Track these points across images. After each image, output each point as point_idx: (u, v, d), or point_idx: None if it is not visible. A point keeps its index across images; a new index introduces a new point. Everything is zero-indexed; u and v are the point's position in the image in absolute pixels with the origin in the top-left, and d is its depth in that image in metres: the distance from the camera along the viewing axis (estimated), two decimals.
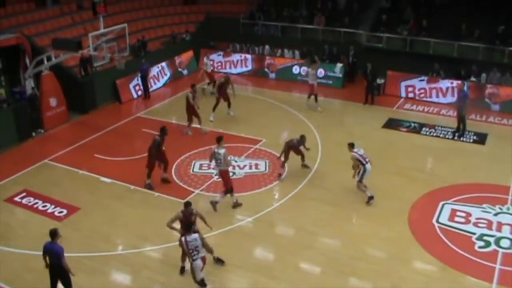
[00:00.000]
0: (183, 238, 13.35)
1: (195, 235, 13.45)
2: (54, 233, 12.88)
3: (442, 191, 18.50)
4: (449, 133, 23.22)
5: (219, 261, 15.02)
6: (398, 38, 29.01)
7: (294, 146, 19.56)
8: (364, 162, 17.51)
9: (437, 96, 26.72)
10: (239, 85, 28.72)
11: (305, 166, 20.14)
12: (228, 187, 17.73)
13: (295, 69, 30.15)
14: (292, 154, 19.57)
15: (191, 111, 23.17)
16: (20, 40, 25.25)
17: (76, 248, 15.59)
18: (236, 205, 17.84)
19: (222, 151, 17.37)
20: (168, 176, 19.65)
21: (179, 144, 22.39)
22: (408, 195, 18.18)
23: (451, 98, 26.17)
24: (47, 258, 12.99)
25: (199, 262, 13.20)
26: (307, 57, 29.46)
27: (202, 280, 13.40)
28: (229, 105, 24.96)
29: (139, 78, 28.22)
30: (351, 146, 17.88)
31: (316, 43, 30.68)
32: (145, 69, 27.92)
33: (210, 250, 14.25)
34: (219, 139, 17.58)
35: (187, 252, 13.31)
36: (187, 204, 14.51)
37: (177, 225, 14.44)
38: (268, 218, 17.22)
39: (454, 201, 17.82)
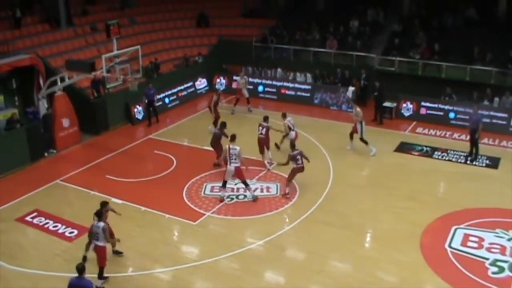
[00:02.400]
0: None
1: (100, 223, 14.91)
2: (82, 269, 12.41)
3: (455, 216, 18.32)
4: (462, 157, 23.07)
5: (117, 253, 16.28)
6: (410, 62, 29.00)
7: (218, 136, 21.35)
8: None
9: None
10: (252, 107, 28.82)
11: (217, 164, 21.71)
12: (245, 179, 19.50)
13: (307, 93, 30.22)
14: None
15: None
16: (34, 61, 25.50)
17: (86, 268, 15.51)
18: (255, 198, 19.50)
19: (237, 147, 19.10)
20: (220, 162, 21.48)
21: (191, 166, 22.41)
22: (420, 219, 18.01)
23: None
24: None
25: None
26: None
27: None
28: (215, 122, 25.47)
29: (145, 103, 28.01)
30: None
31: (328, 66, 30.73)
32: (151, 94, 27.83)
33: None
34: (233, 137, 19.64)
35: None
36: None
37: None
38: (279, 242, 17.11)
39: (467, 225, 17.64)
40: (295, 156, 19.63)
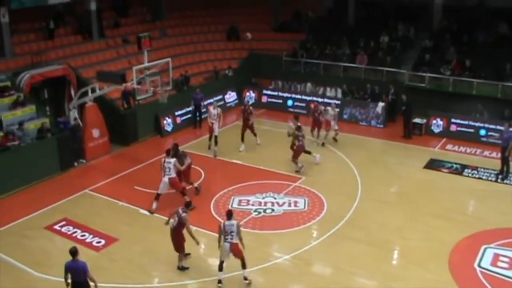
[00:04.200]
0: None
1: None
2: (74, 251, 13.29)
3: (484, 235, 18.05)
4: (492, 175, 22.76)
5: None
6: (441, 78, 28.77)
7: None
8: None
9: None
10: (281, 122, 28.80)
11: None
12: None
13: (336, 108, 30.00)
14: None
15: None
16: (66, 71, 25.88)
17: (112, 278, 15.68)
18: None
19: (172, 160, 19.74)
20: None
21: (219, 179, 22.47)
22: (449, 238, 17.79)
23: None
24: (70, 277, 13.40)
25: None
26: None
27: None
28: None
29: (192, 108, 28.90)
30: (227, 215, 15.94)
31: (358, 81, 30.64)
32: (199, 99, 28.30)
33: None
34: (168, 152, 20.18)
35: None
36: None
37: None
38: (306, 256, 17.02)
39: (497, 245, 17.36)
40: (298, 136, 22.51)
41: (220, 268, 15.42)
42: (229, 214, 15.52)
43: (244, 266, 15.47)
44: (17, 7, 26.02)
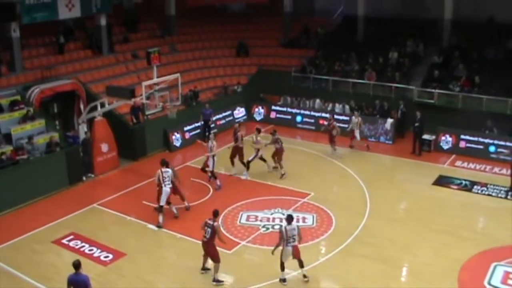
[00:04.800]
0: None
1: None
2: (78, 265, 13.25)
3: (494, 252, 17.90)
4: (502, 191, 22.63)
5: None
6: (450, 94, 28.72)
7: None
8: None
9: None
10: (290, 137, 28.77)
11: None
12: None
13: (345, 124, 29.99)
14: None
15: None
16: (75, 86, 26.02)
17: None
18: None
19: (169, 170, 20.05)
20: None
21: (227, 194, 22.44)
22: (459, 255, 17.65)
23: None
24: None
25: None
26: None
27: None
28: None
29: (201, 123, 28.98)
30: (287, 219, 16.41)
31: (367, 97, 30.62)
32: (208, 114, 28.40)
33: None
34: (163, 163, 20.16)
35: None
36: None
37: None
38: (314, 273, 16.88)
39: (507, 262, 17.19)
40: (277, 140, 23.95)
41: (283, 268, 16.12)
42: (290, 218, 16.17)
43: (302, 265, 16.18)
44: (28, 22, 26.23)
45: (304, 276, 16.27)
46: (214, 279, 16.27)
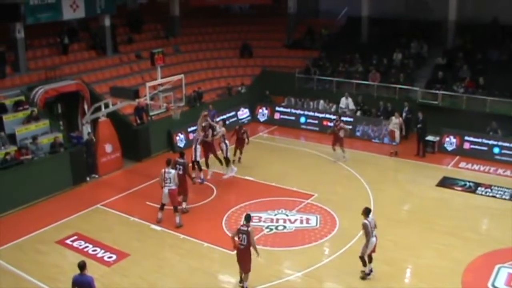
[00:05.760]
0: None
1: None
2: (83, 265, 13.20)
3: (498, 254, 17.86)
4: (506, 193, 22.59)
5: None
6: (454, 96, 28.68)
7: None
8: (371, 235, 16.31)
9: None
10: (294, 138, 28.76)
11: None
12: (175, 205, 19.95)
13: (349, 125, 29.92)
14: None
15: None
16: (80, 86, 26.05)
17: None
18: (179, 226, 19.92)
19: (172, 171, 19.53)
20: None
21: (231, 195, 22.44)
22: (462, 256, 17.63)
23: None
24: None
25: None
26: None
27: None
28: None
29: None
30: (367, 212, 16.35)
31: (371, 98, 30.61)
32: (211, 115, 28.31)
33: None
34: (168, 162, 19.78)
35: None
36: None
37: None
38: (317, 274, 16.91)
39: (511, 264, 17.18)
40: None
41: (370, 260, 16.38)
42: (368, 211, 16.29)
43: (370, 260, 16.47)
44: (33, 23, 26.29)
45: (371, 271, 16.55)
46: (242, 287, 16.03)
